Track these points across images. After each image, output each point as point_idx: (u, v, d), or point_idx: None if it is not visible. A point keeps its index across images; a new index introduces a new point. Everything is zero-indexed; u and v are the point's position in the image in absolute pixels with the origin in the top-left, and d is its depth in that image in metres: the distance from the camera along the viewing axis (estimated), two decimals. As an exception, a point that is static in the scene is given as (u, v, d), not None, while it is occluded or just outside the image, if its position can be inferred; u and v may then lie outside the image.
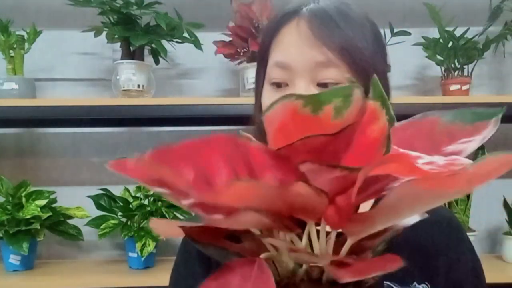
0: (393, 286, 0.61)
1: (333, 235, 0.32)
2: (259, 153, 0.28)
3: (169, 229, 0.34)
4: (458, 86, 1.36)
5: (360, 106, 0.30)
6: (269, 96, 0.63)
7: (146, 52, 1.35)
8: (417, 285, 0.62)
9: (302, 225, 0.32)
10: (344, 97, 0.30)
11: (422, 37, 1.39)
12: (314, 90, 0.60)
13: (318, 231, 0.32)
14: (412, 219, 0.34)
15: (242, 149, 0.28)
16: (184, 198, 0.28)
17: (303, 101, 0.30)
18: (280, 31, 0.62)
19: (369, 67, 0.60)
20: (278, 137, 0.31)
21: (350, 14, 0.61)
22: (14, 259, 1.30)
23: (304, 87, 0.60)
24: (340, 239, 0.33)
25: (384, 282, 0.61)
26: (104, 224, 1.28)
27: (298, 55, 0.60)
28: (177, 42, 1.35)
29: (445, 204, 1.13)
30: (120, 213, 1.33)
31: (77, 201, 1.38)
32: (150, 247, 1.25)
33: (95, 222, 1.30)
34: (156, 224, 0.35)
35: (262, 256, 0.32)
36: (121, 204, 1.31)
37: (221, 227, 0.32)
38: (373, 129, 0.31)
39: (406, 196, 0.29)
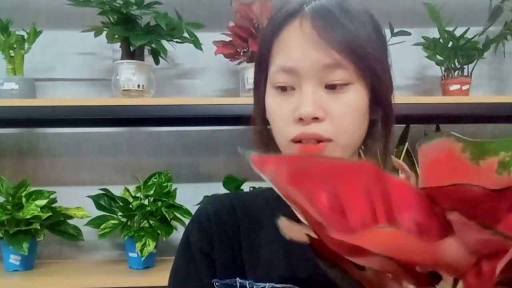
0: None
1: None
2: (401, 190, 0.26)
3: (296, 233, 0.32)
4: (458, 86, 1.36)
5: None
6: (274, 100, 0.61)
7: (146, 52, 1.35)
8: None
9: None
10: None
11: (422, 37, 1.39)
12: (322, 93, 0.58)
13: None
14: None
15: (384, 183, 0.26)
16: (310, 220, 0.26)
17: (463, 145, 0.27)
18: (282, 33, 0.60)
19: (375, 64, 0.59)
20: (429, 174, 0.28)
21: (352, 11, 0.59)
22: (14, 259, 1.30)
23: (312, 90, 0.58)
24: None
25: None
26: (104, 224, 1.28)
27: (304, 59, 0.58)
28: (177, 42, 1.35)
29: None
30: (120, 213, 1.32)
31: (77, 201, 1.38)
32: (150, 247, 1.25)
33: (95, 222, 1.30)
34: (284, 224, 0.32)
35: None
36: (121, 204, 1.31)
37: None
38: None
39: None
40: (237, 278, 0.63)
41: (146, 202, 1.33)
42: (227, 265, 0.65)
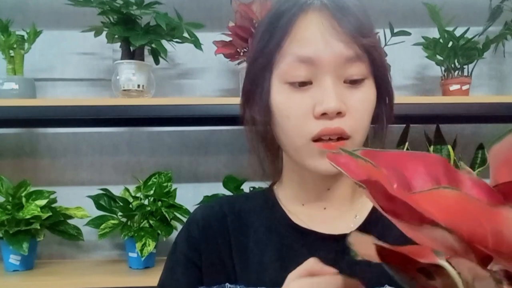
0: None
1: None
2: (469, 183, 0.25)
3: (365, 245, 0.31)
4: (458, 86, 1.36)
5: None
6: (287, 97, 0.57)
7: (146, 52, 1.35)
8: None
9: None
10: None
11: (422, 37, 1.39)
12: (342, 88, 0.56)
13: None
14: None
15: (454, 176, 0.25)
16: (384, 198, 0.25)
17: None
18: (296, 24, 0.56)
19: (383, 62, 0.59)
20: (502, 171, 0.27)
21: (358, 5, 0.58)
22: (14, 259, 1.30)
23: (332, 84, 0.55)
24: None
25: None
26: (104, 224, 1.28)
27: (325, 50, 0.55)
28: (177, 42, 1.35)
29: None
30: (120, 213, 1.32)
31: (77, 201, 1.38)
32: (150, 247, 1.25)
33: (95, 222, 1.30)
34: (354, 239, 0.31)
35: None
36: (121, 204, 1.31)
37: (410, 236, 0.27)
38: None
39: None
40: (227, 284, 0.62)
41: (146, 202, 1.33)
42: (216, 271, 0.63)
